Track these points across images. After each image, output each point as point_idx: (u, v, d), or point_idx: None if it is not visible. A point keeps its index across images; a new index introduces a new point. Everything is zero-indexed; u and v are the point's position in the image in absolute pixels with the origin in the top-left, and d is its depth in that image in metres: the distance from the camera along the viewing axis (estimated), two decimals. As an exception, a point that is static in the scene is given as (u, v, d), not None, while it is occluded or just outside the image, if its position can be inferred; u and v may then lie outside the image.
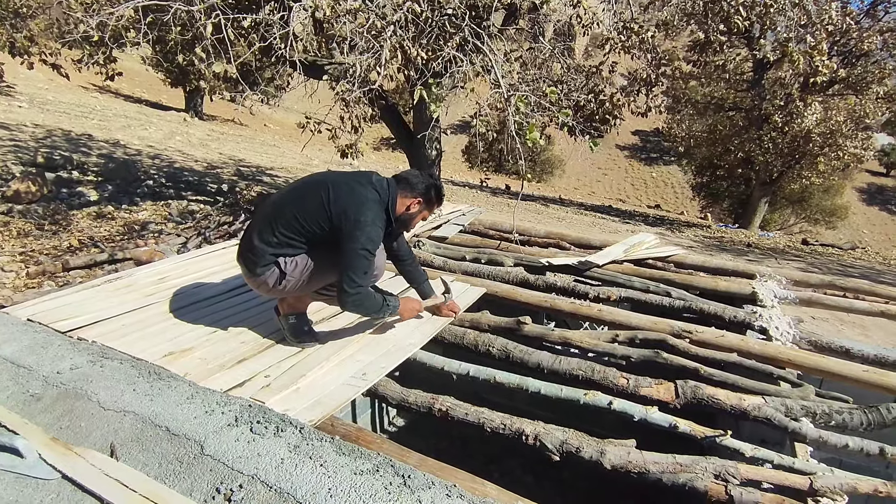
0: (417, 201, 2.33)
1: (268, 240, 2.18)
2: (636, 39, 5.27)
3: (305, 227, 2.17)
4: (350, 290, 2.11)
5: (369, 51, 4.34)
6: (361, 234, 2.10)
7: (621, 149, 36.80)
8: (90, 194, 7.16)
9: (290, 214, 2.18)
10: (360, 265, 2.11)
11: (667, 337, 2.55)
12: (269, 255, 2.17)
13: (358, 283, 2.12)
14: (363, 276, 2.14)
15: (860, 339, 5.45)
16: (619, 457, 1.75)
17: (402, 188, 2.31)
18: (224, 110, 21.87)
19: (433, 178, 2.40)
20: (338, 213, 2.13)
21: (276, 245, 2.18)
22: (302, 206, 2.18)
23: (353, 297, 2.13)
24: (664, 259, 3.76)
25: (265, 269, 2.18)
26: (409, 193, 2.31)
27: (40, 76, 14.92)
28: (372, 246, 2.14)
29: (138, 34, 4.18)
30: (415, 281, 2.70)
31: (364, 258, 2.12)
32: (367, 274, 2.16)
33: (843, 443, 1.97)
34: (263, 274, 2.18)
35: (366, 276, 2.16)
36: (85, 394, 1.71)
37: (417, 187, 2.31)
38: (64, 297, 2.54)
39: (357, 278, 2.11)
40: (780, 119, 12.75)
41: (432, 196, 2.37)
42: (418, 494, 1.34)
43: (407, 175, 2.37)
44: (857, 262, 10.32)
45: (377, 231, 2.17)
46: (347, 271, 2.11)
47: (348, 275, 2.10)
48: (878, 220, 30.44)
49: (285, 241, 2.18)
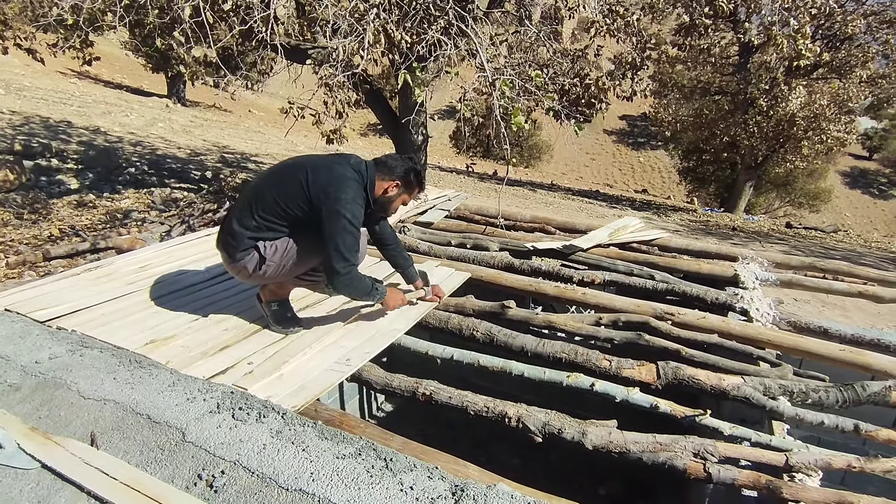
0: (395, 184, 2.30)
1: (247, 224, 2.15)
2: (622, 22, 5.25)
3: (286, 209, 2.14)
4: (341, 269, 2.08)
5: (352, 34, 4.29)
6: (344, 210, 2.07)
7: (609, 134, 36.87)
8: (70, 182, 7.04)
9: (269, 198, 2.15)
10: (347, 241, 2.08)
11: (649, 319, 2.58)
12: (247, 240, 2.15)
13: (349, 260, 2.09)
14: (353, 254, 2.11)
15: (840, 319, 5.57)
16: (600, 437, 1.77)
17: (380, 171, 2.28)
18: (207, 96, 21.52)
19: (413, 162, 2.36)
20: (317, 192, 2.10)
21: (255, 229, 2.15)
22: (281, 189, 2.16)
23: (345, 278, 2.09)
24: (648, 242, 3.78)
25: (244, 253, 2.16)
26: (388, 176, 2.28)
27: (16, 61, 14.56)
28: (356, 221, 2.11)
29: (115, 17, 4.09)
30: (399, 266, 2.68)
31: (351, 234, 2.09)
32: (356, 252, 2.13)
33: (819, 420, 2.01)
34: (243, 259, 2.16)
35: (356, 253, 2.13)
36: (64, 383, 1.70)
37: (396, 170, 2.29)
38: (43, 287, 2.50)
39: (347, 254, 2.08)
40: (765, 103, 12.83)
41: (411, 179, 2.33)
42: (400, 477, 1.35)
43: (386, 158, 2.34)
44: (839, 244, 10.49)
45: (358, 209, 2.14)
46: (335, 249, 2.06)
47: (338, 252, 2.06)
48: (860, 204, 30.91)
49: (265, 225, 2.16)
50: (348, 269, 2.10)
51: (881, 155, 33.98)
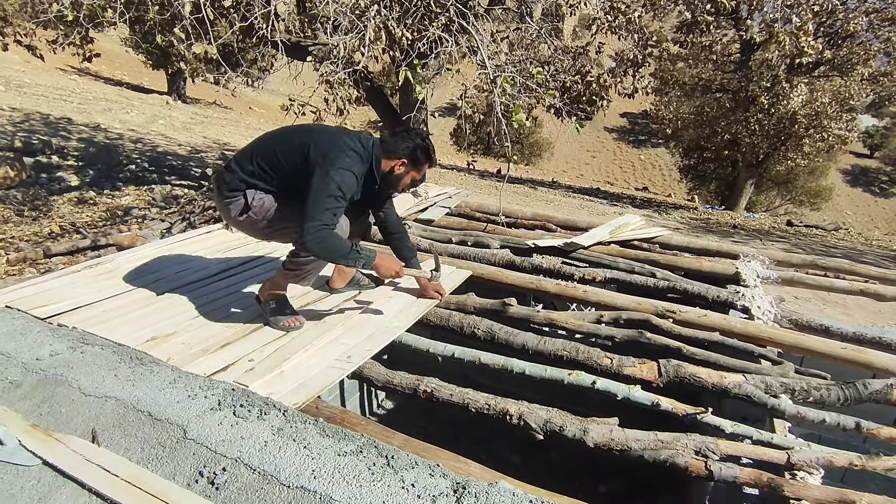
0: (402, 162, 2.27)
1: (244, 167, 2.20)
2: (623, 20, 5.24)
3: (282, 161, 2.16)
4: (312, 224, 1.99)
5: (353, 31, 4.28)
6: (335, 174, 2.04)
7: (610, 131, 36.82)
8: (71, 179, 7.04)
9: (270, 149, 2.19)
10: (328, 204, 2.02)
11: (650, 317, 2.58)
12: (239, 182, 2.18)
13: (321, 219, 2.00)
14: (331, 217, 2.03)
15: (841, 317, 5.56)
16: (601, 435, 1.77)
17: (385, 149, 2.26)
18: (208, 93, 21.50)
19: (420, 138, 2.31)
20: (316, 155, 2.09)
21: (249, 174, 2.19)
22: (284, 145, 2.19)
23: (315, 235, 1.99)
24: (649, 240, 3.78)
25: (233, 195, 2.20)
26: (393, 155, 2.26)
27: (16, 58, 14.54)
28: (345, 189, 2.06)
29: (115, 14, 4.08)
30: (404, 258, 2.62)
31: (333, 199, 2.03)
32: (333, 216, 2.05)
33: (821, 418, 2.01)
34: (230, 199, 2.20)
35: (333, 217, 2.05)
36: (65, 380, 1.69)
37: (401, 148, 2.26)
38: (43, 284, 2.50)
39: (323, 215, 2.01)
40: (766, 101, 12.80)
41: (419, 156, 2.29)
42: (402, 474, 1.35)
43: (390, 138, 2.32)
44: (840, 242, 10.48)
45: (351, 178, 2.10)
46: (313, 206, 2.01)
47: (315, 209, 2.00)
48: (861, 202, 30.87)
49: (259, 173, 2.19)
50: (320, 225, 2.00)
51: (882, 153, 33.93)
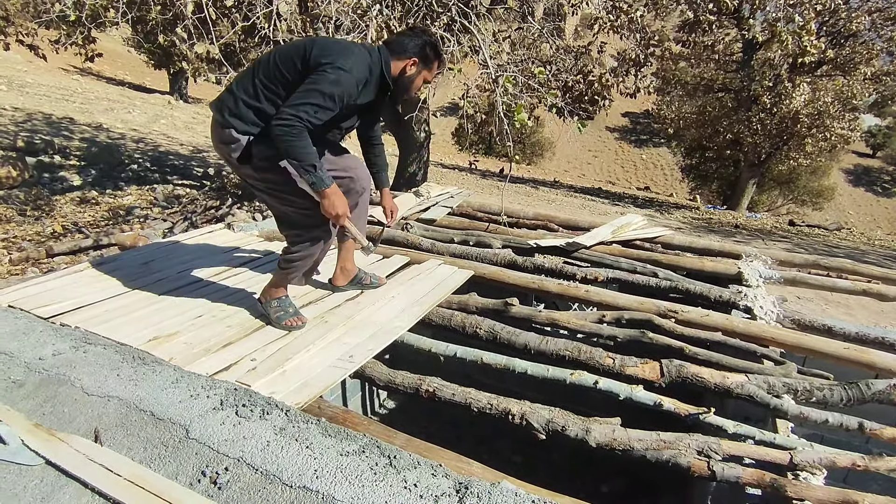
0: (413, 62, 2.17)
1: (246, 87, 2.07)
2: (625, 19, 5.23)
3: (281, 70, 2.01)
4: (289, 111, 1.87)
5: (355, 30, 4.28)
6: (332, 73, 1.92)
7: (611, 131, 36.76)
8: (73, 179, 7.06)
9: (272, 62, 2.05)
10: (313, 98, 1.89)
11: (653, 317, 2.57)
12: (242, 105, 2.05)
13: (300, 111, 1.87)
14: (311, 112, 1.90)
15: (844, 317, 5.55)
16: (603, 435, 1.77)
17: (393, 50, 2.16)
18: (210, 93, 21.50)
19: (426, 35, 2.22)
20: (317, 55, 1.97)
21: (252, 96, 2.05)
22: (284, 50, 2.08)
23: (286, 123, 1.87)
24: (651, 240, 3.77)
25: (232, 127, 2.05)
26: (403, 55, 2.15)
27: (19, 58, 14.57)
28: (338, 91, 1.94)
29: (117, 14, 4.09)
30: (375, 166, 2.54)
31: (322, 96, 1.90)
32: (315, 114, 1.92)
33: (824, 418, 2.00)
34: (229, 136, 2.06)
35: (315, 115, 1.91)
36: (68, 379, 1.70)
37: (409, 47, 2.15)
38: (46, 283, 2.50)
39: (302, 106, 1.88)
40: (768, 100, 12.79)
41: (428, 53, 2.19)
42: (404, 474, 1.35)
43: (396, 37, 2.22)
44: (843, 242, 10.47)
45: (349, 81, 1.98)
46: (296, 96, 1.90)
47: (296, 97, 1.90)
48: (863, 201, 30.78)
49: (261, 91, 2.04)
50: (294, 119, 1.87)
51: (885, 153, 33.81)
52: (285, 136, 1.89)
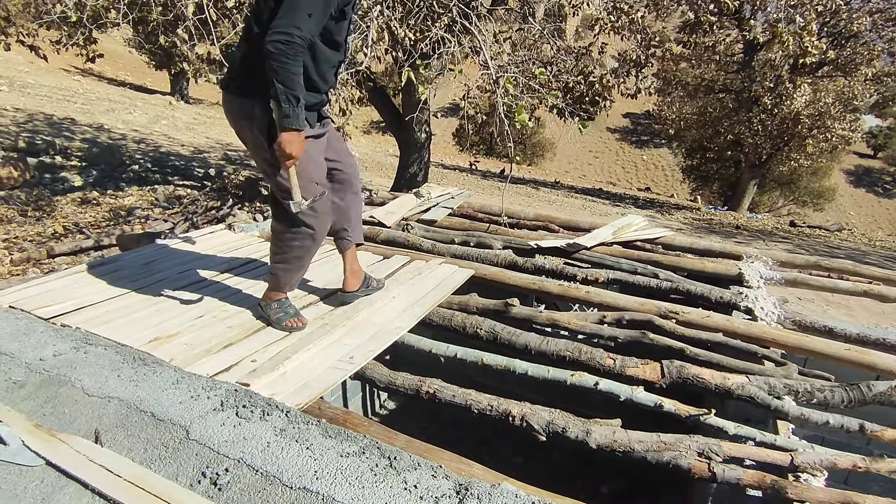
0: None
1: (241, 48, 1.95)
2: (626, 20, 5.23)
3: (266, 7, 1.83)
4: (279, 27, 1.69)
5: (356, 31, 4.28)
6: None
7: (612, 131, 36.77)
8: (74, 180, 7.06)
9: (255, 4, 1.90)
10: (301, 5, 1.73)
11: (653, 318, 2.57)
12: (244, 66, 1.92)
13: (297, 24, 1.70)
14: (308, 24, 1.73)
15: (845, 318, 5.55)
16: (604, 436, 1.77)
17: None
18: (210, 94, 21.53)
19: None
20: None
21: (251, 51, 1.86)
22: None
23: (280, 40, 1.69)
24: (652, 241, 3.77)
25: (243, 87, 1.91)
26: None
27: (20, 59, 14.59)
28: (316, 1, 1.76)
29: (118, 15, 4.09)
30: None
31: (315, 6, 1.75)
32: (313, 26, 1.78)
33: (825, 420, 2.00)
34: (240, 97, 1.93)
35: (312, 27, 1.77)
36: (69, 380, 1.70)
37: None
38: (47, 284, 2.50)
39: (298, 17, 1.70)
40: (769, 101, 12.78)
41: None
42: (404, 475, 1.34)
43: None
44: (844, 243, 10.46)
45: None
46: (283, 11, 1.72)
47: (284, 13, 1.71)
48: (864, 202, 30.76)
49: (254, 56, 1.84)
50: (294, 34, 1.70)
51: (886, 153, 33.80)
52: (282, 56, 1.71)
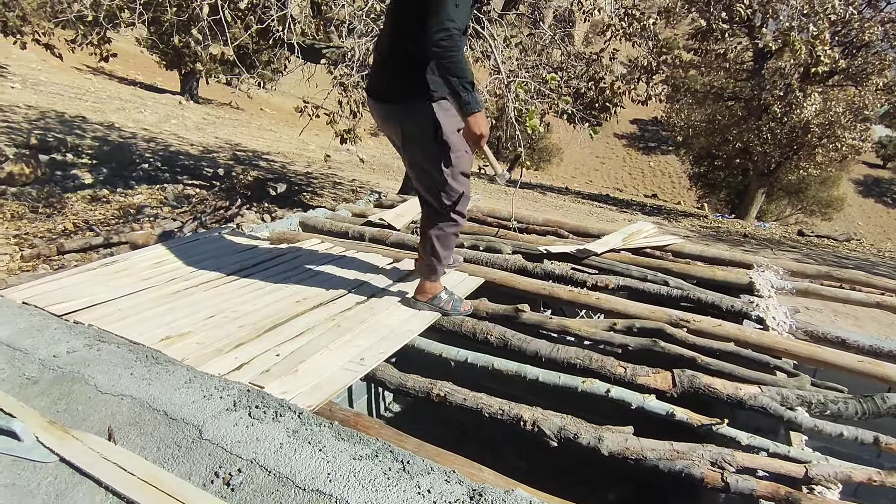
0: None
1: (392, 54, 2.06)
2: (637, 26, 5.23)
3: (408, 7, 1.97)
4: (438, 27, 1.79)
5: (368, 34, 4.29)
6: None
7: (619, 137, 36.71)
8: (85, 177, 7.11)
9: (397, 5, 2.06)
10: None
11: (664, 326, 2.56)
12: (398, 74, 2.04)
13: (453, 17, 1.80)
14: (460, 15, 1.83)
15: (854, 329, 5.50)
16: (616, 443, 1.76)
17: None
18: (220, 94, 21.65)
19: None
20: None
21: (400, 55, 2.02)
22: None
23: (443, 38, 1.79)
24: (662, 248, 3.76)
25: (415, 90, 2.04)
26: None
27: (33, 56, 14.71)
28: None
29: (133, 14, 4.12)
30: None
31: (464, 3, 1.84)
32: (466, 16, 1.88)
33: (839, 432, 1.98)
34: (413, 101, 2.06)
35: (465, 18, 1.88)
36: (82, 377, 1.70)
37: None
38: (60, 281, 2.52)
39: (448, 14, 1.79)
40: (779, 109, 12.74)
41: None
42: (417, 480, 1.34)
43: None
44: (852, 253, 10.39)
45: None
46: (435, 9, 1.81)
47: (436, 11, 1.81)
48: (873, 212, 30.56)
49: (402, 41, 2.01)
50: (453, 27, 1.80)
51: (895, 163, 33.59)
52: (447, 52, 1.83)
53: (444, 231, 2.44)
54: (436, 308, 2.53)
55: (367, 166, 12.83)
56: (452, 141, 2.19)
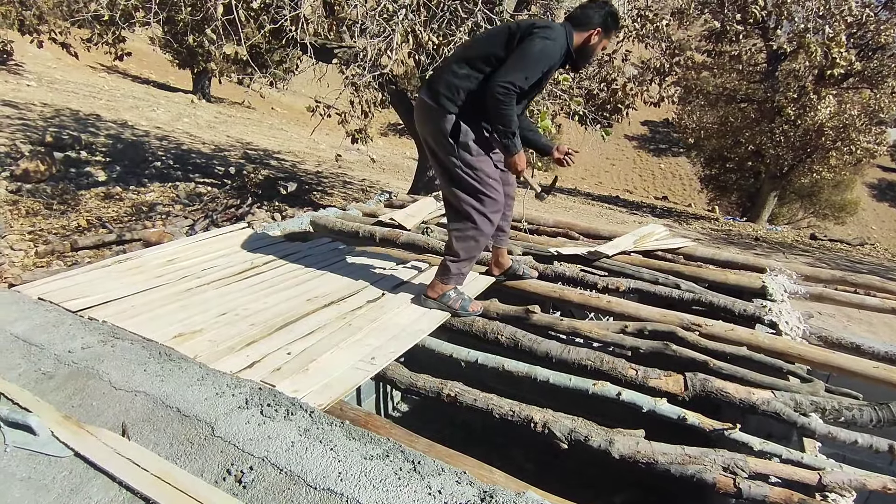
0: (597, 31, 2.39)
1: (457, 70, 2.31)
2: (650, 27, 5.20)
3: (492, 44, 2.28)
4: (503, 80, 2.15)
5: (380, 35, 4.30)
6: (539, 43, 2.18)
7: (630, 139, 36.49)
8: (98, 174, 7.18)
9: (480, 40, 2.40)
10: (525, 66, 2.17)
11: (676, 329, 2.54)
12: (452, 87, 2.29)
13: (514, 80, 2.15)
14: (522, 79, 2.17)
15: (868, 335, 5.44)
16: (627, 446, 1.75)
17: (577, 23, 2.38)
18: (232, 93, 21.79)
19: (609, 6, 2.42)
20: (525, 26, 2.24)
21: (463, 77, 2.29)
22: (490, 31, 2.43)
23: (505, 91, 2.15)
24: (673, 251, 3.73)
25: (449, 103, 2.30)
26: (588, 26, 2.37)
27: (48, 55, 14.89)
28: (544, 59, 2.21)
29: (148, 14, 4.16)
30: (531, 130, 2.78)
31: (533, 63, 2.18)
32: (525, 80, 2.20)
33: (853, 439, 1.96)
34: (443, 110, 2.30)
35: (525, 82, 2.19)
36: (96, 373, 1.72)
37: (595, 18, 2.37)
38: (74, 277, 2.54)
39: (516, 75, 2.15)
40: (792, 112, 12.61)
41: (609, 23, 2.41)
42: (428, 480, 1.34)
43: (580, 10, 2.43)
44: (866, 258, 10.27)
45: (553, 50, 2.23)
46: (510, 65, 2.18)
47: (510, 66, 2.17)
48: (887, 217, 30.14)
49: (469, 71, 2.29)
50: (510, 88, 2.16)
51: (911, 167, 33.10)
52: (501, 105, 2.19)
53: (461, 232, 2.50)
54: (444, 306, 2.54)
55: (377, 166, 12.86)
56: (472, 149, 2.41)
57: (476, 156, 2.38)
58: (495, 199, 2.47)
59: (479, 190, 2.42)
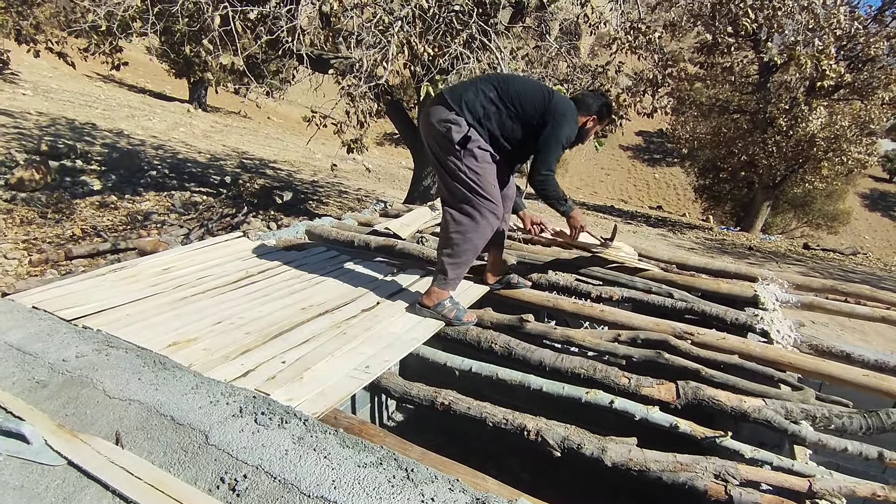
0: (593, 118, 2.69)
1: (488, 96, 2.45)
2: (643, 40, 5.27)
3: (523, 106, 2.46)
4: (543, 170, 2.49)
5: (376, 46, 4.35)
6: (567, 129, 2.47)
7: (624, 149, 36.76)
8: (93, 183, 7.17)
9: (513, 90, 2.47)
10: (555, 152, 2.47)
11: (668, 338, 2.56)
12: (478, 106, 2.43)
13: (551, 167, 2.48)
14: (556, 163, 2.50)
15: (860, 344, 5.48)
16: (620, 454, 1.76)
17: (580, 107, 2.63)
18: (228, 102, 21.86)
19: (605, 98, 2.75)
20: (553, 107, 2.46)
21: (488, 100, 2.44)
22: (525, 88, 2.50)
23: (544, 178, 2.50)
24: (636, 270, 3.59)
25: (459, 118, 2.40)
26: (587, 111, 2.66)
27: (44, 64, 14.91)
28: (569, 141, 2.53)
29: (145, 24, 4.19)
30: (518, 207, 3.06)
31: (561, 148, 2.48)
32: (557, 161, 2.52)
33: (843, 446, 1.98)
34: (456, 121, 2.40)
35: (557, 163, 2.51)
36: (91, 381, 1.72)
37: (593, 106, 2.67)
38: (69, 286, 2.55)
39: (552, 162, 2.48)
40: (784, 123, 12.75)
41: (604, 112, 2.71)
42: (421, 488, 1.35)
43: (583, 96, 2.72)
44: (858, 267, 10.35)
45: (574, 131, 2.55)
46: (543, 155, 2.48)
47: (544, 157, 2.48)
48: (879, 226, 30.42)
49: (499, 109, 2.46)
50: (548, 172, 2.49)
51: (902, 178, 33.46)
52: (548, 191, 2.56)
53: (459, 234, 2.55)
54: (438, 316, 2.56)
55: (372, 175, 12.90)
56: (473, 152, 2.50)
57: (480, 162, 2.47)
58: (494, 203, 2.51)
59: (479, 192, 2.47)
